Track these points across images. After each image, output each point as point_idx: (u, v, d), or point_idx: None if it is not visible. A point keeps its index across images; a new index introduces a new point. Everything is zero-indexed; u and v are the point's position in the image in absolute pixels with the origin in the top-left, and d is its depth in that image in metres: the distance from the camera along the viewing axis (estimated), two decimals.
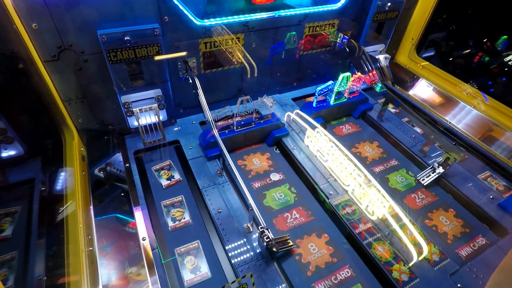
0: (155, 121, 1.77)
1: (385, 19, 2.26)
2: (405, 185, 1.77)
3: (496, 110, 2.08)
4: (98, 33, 1.43)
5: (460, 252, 1.47)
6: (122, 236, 1.42)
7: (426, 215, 1.62)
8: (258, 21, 1.84)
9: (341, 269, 1.38)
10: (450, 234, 1.54)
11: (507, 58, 2.61)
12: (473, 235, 1.55)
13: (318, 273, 1.36)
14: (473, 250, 1.48)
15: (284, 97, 2.34)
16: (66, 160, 1.52)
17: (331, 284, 1.32)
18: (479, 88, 2.24)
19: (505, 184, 1.78)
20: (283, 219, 1.57)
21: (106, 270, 1.26)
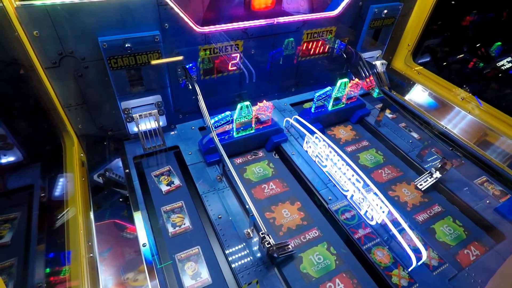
0: (154, 127, 1.78)
1: (382, 26, 2.30)
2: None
3: (491, 115, 2.12)
4: (99, 40, 1.45)
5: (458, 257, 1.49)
6: (121, 242, 1.42)
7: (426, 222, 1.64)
8: (257, 28, 1.86)
9: (339, 275, 1.39)
10: (448, 241, 1.56)
11: (500, 63, 2.66)
12: (471, 240, 1.57)
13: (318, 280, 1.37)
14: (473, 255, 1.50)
15: (282, 103, 2.36)
16: (66, 166, 1.52)
17: None
18: (473, 93, 2.27)
19: (501, 189, 1.81)
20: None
21: (103, 276, 1.26)
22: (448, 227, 1.61)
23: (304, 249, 1.47)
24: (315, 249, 1.48)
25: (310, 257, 1.44)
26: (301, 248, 1.48)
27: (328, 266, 1.41)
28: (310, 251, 1.47)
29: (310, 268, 1.40)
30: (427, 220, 1.64)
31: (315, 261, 1.43)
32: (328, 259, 1.44)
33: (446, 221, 1.64)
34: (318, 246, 1.49)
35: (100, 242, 1.36)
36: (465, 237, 1.57)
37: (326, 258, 1.44)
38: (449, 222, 1.64)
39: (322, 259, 1.44)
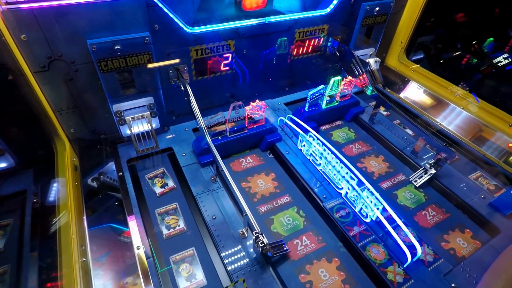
0: (147, 129, 1.77)
1: (374, 24, 2.30)
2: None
3: (485, 111, 2.12)
4: (88, 43, 1.44)
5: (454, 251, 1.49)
6: (117, 246, 1.41)
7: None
8: (248, 27, 1.86)
9: (337, 273, 1.38)
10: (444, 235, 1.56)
11: (496, 60, 2.67)
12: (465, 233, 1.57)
13: None
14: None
15: (276, 102, 2.36)
16: (58, 170, 1.51)
17: None
18: (467, 89, 2.28)
19: (495, 183, 1.81)
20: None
21: (102, 281, 1.25)
22: None
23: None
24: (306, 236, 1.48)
25: (298, 251, 1.44)
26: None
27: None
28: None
29: None
30: None
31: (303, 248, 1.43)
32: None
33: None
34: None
35: (97, 246, 1.35)
36: None
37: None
38: None
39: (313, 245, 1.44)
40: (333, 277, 1.36)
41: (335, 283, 1.34)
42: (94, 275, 1.25)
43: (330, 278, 1.35)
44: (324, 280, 1.35)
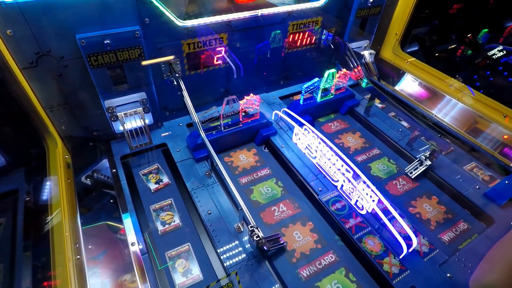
0: (140, 125, 1.75)
1: (368, 15, 2.28)
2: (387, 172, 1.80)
3: (480, 102, 2.12)
4: (76, 38, 1.41)
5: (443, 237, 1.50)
6: (112, 243, 1.40)
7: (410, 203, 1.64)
8: (240, 20, 1.83)
9: (325, 254, 1.38)
10: (433, 221, 1.57)
11: (491, 52, 2.67)
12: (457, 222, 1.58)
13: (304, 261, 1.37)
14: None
15: (271, 96, 2.34)
16: (49, 168, 1.49)
17: (316, 269, 1.35)
18: (462, 81, 2.27)
19: (490, 174, 1.82)
20: (270, 213, 1.58)
21: (100, 279, 1.24)
22: None
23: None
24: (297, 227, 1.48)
25: (298, 248, 1.44)
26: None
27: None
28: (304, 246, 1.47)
29: None
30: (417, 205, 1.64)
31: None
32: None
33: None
34: (311, 241, 1.49)
35: (92, 244, 1.34)
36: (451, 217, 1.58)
37: None
38: None
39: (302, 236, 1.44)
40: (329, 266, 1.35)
41: (331, 277, 1.34)
42: (92, 273, 1.24)
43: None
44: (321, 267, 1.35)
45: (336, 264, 1.39)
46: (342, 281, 1.33)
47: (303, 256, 1.41)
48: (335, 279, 1.34)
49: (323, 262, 1.39)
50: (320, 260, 1.40)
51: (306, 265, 1.38)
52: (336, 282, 1.33)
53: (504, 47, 2.63)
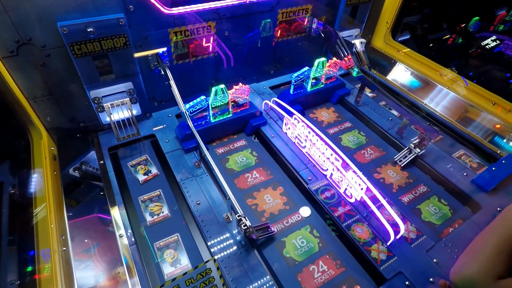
0: (128, 116, 1.72)
1: (359, 3, 2.26)
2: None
3: (470, 90, 2.12)
4: (58, 25, 1.36)
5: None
6: (102, 236, 1.38)
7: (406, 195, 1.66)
8: (228, 7, 1.80)
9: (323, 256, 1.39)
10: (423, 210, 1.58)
11: (484, 42, 2.67)
12: None
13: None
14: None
15: (261, 86, 2.32)
16: (34, 161, 1.46)
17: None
18: (453, 69, 2.27)
19: (478, 161, 1.83)
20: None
21: (93, 272, 1.23)
22: (433, 205, 1.63)
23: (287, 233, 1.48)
24: (298, 232, 1.48)
25: (293, 241, 1.45)
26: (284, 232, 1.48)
27: (311, 249, 1.42)
28: (294, 234, 1.47)
29: (293, 252, 1.40)
30: (410, 197, 1.66)
31: (298, 245, 1.43)
32: (311, 242, 1.45)
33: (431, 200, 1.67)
34: (301, 230, 1.49)
35: (81, 237, 1.33)
36: (450, 215, 1.60)
37: (309, 242, 1.44)
38: (435, 201, 1.66)
39: (305, 242, 1.44)
40: (326, 269, 1.36)
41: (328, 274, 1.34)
42: (84, 266, 1.24)
43: (322, 275, 1.35)
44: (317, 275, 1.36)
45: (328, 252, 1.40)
46: None
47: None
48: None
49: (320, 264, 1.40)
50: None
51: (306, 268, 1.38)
52: None
53: (498, 36, 2.63)
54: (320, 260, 1.37)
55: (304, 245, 1.42)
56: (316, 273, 1.33)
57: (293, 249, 1.40)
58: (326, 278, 1.31)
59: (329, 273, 1.33)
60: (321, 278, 1.31)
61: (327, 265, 1.36)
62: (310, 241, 1.44)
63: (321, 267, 1.35)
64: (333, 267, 1.35)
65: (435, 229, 1.51)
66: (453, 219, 1.56)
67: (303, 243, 1.43)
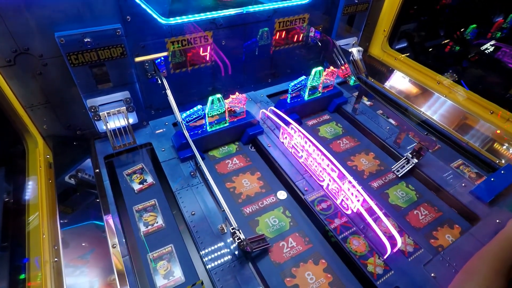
0: (124, 124, 1.72)
1: (356, 12, 2.26)
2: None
3: (468, 99, 2.11)
4: (55, 36, 1.37)
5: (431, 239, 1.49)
6: (93, 245, 1.37)
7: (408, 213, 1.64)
8: (225, 17, 1.81)
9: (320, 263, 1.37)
10: (423, 222, 1.56)
11: (483, 47, 2.67)
12: (446, 223, 1.57)
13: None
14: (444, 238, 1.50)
15: (259, 94, 2.32)
16: (29, 168, 1.45)
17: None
18: (450, 77, 2.27)
19: (476, 171, 1.81)
20: None
21: (88, 278, 1.22)
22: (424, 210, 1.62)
23: None
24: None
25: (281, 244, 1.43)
26: None
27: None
28: None
29: None
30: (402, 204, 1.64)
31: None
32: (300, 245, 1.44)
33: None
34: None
35: (80, 244, 1.32)
36: None
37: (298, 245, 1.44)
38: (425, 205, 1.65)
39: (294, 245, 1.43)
40: (320, 279, 1.33)
41: (322, 285, 1.32)
42: (79, 272, 1.23)
43: (316, 281, 1.33)
44: (310, 281, 1.33)
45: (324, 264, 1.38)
46: None
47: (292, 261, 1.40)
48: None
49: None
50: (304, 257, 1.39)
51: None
52: None
53: (496, 43, 2.63)
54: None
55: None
56: None
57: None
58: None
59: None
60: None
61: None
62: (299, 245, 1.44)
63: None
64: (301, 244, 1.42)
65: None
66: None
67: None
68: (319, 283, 1.31)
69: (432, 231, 1.53)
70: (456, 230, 1.54)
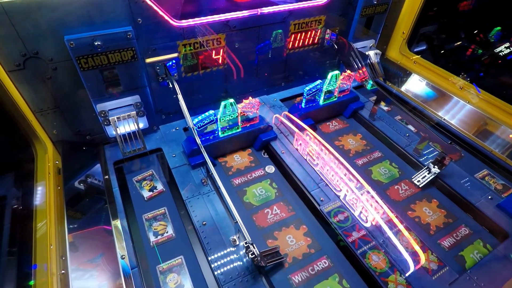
0: (134, 129, 1.68)
1: (374, 14, 2.17)
2: (389, 177, 1.74)
3: (490, 104, 2.00)
4: (65, 39, 1.33)
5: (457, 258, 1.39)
6: (113, 247, 1.33)
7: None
8: (239, 19, 1.75)
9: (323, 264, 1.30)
10: (446, 239, 1.46)
11: (497, 49, 2.54)
12: (472, 239, 1.47)
13: None
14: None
15: (272, 98, 2.25)
16: (37, 175, 1.42)
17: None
18: (472, 81, 2.16)
19: (503, 183, 1.71)
20: (263, 215, 1.53)
21: (97, 282, 1.19)
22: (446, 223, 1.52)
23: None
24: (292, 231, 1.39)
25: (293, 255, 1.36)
26: None
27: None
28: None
29: None
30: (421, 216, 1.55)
31: None
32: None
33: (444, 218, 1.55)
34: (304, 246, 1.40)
35: (89, 248, 1.29)
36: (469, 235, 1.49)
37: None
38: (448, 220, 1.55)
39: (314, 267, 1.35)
40: None
41: None
42: (89, 276, 1.19)
43: None
44: None
45: None
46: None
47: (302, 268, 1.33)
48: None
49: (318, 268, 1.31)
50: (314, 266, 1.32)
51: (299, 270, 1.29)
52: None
53: None
54: None
55: None
56: None
57: None
58: None
59: None
60: None
61: None
62: None
63: None
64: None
65: None
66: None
67: None
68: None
69: (458, 247, 1.43)
70: (483, 247, 1.44)
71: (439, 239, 1.47)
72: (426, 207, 1.59)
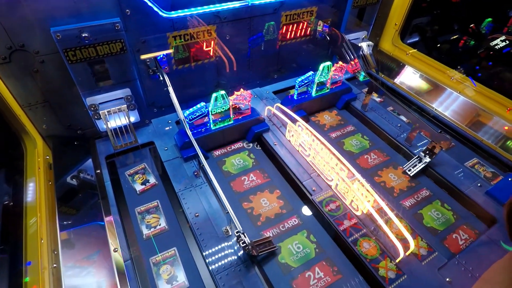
0: (125, 123, 1.67)
1: (366, 4, 2.17)
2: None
3: (483, 95, 2.02)
4: (51, 31, 1.31)
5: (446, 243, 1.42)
6: (97, 247, 1.33)
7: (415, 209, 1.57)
8: (230, 10, 1.73)
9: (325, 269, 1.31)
10: (436, 226, 1.49)
11: (493, 42, 2.55)
12: (461, 224, 1.50)
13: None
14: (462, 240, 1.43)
15: (264, 90, 2.25)
16: (26, 170, 1.41)
17: None
18: (465, 73, 2.17)
19: (492, 170, 1.73)
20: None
21: (95, 279, 1.19)
22: (436, 211, 1.54)
23: (283, 238, 1.42)
24: (294, 238, 1.42)
25: (289, 246, 1.39)
26: (280, 237, 1.42)
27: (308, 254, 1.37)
28: (289, 240, 1.41)
29: (289, 258, 1.35)
30: (415, 206, 1.56)
31: (294, 251, 1.37)
32: (308, 247, 1.39)
33: (434, 205, 1.57)
34: (298, 235, 1.43)
35: (85, 245, 1.29)
36: (453, 221, 1.50)
37: (306, 247, 1.39)
38: (438, 206, 1.57)
39: (301, 247, 1.39)
40: (326, 277, 1.29)
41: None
42: (78, 278, 1.18)
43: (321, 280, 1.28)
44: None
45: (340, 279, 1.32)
46: None
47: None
48: None
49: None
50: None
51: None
52: None
53: (508, 38, 2.51)
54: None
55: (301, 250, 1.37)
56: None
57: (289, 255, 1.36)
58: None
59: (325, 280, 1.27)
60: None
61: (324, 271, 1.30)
62: (306, 247, 1.39)
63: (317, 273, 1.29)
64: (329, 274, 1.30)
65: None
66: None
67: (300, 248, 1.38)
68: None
69: (447, 234, 1.46)
70: (472, 232, 1.47)
71: (418, 215, 1.51)
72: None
